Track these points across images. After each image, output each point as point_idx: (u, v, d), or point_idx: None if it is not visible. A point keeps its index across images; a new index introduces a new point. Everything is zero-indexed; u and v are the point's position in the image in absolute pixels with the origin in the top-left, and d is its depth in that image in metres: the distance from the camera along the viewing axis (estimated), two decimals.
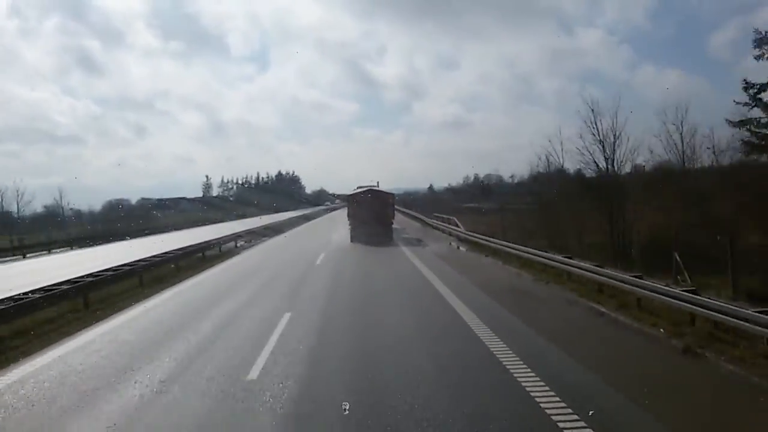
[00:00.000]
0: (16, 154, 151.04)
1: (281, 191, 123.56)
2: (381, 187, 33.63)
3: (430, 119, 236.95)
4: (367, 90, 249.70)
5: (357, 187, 33.05)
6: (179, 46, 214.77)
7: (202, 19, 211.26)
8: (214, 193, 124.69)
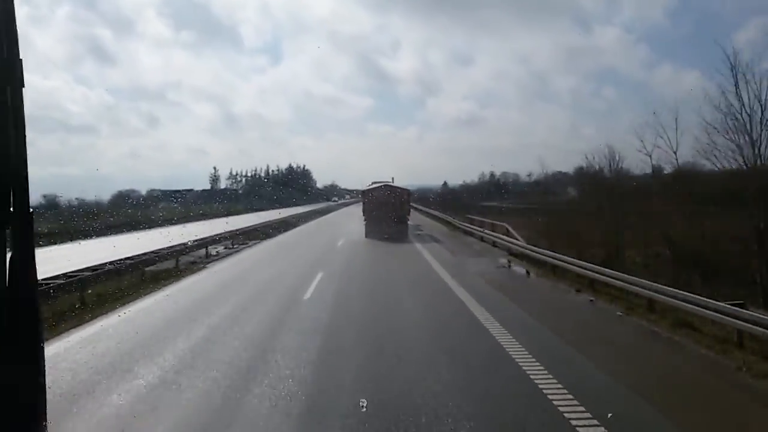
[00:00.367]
0: (30, 143, 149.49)
1: (292, 185, 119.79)
2: (395, 183, 32.62)
3: (444, 115, 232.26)
4: (381, 85, 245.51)
5: (372, 183, 32.39)
6: (191, 36, 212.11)
7: (214, 9, 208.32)
8: (222, 185, 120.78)
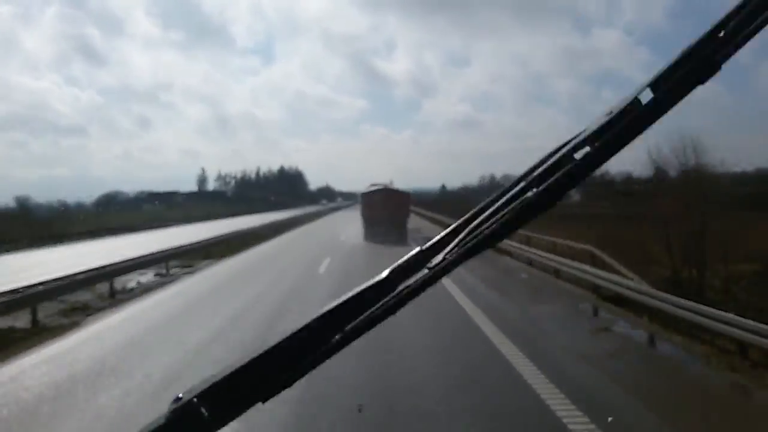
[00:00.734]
0: (21, 145, 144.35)
1: (283, 187, 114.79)
2: (394, 185, 31.73)
3: (441, 118, 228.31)
4: (376, 86, 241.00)
5: (370, 185, 31.45)
6: (181, 35, 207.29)
7: (204, 8, 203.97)
8: (211, 187, 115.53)
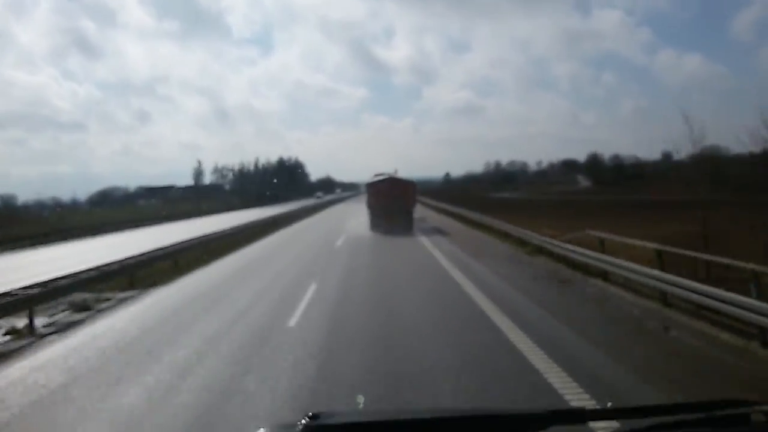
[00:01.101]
0: (21, 142, 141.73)
1: (282, 179, 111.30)
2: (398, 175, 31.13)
3: (441, 105, 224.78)
4: (375, 74, 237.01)
5: (375, 175, 31.13)
6: (176, 26, 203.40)
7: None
8: (207, 180, 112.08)
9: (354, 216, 33.72)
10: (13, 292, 10.56)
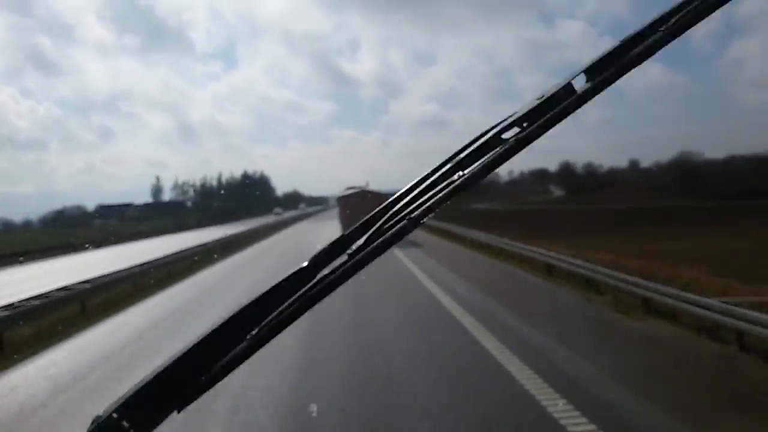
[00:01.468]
0: None
1: (247, 194, 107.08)
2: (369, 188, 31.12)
3: (409, 118, 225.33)
4: (342, 88, 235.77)
5: (346, 188, 31.72)
6: (136, 41, 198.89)
7: (159, 12, 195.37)
8: (167, 197, 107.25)
9: (319, 233, 30.20)
10: None
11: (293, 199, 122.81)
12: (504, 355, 7.38)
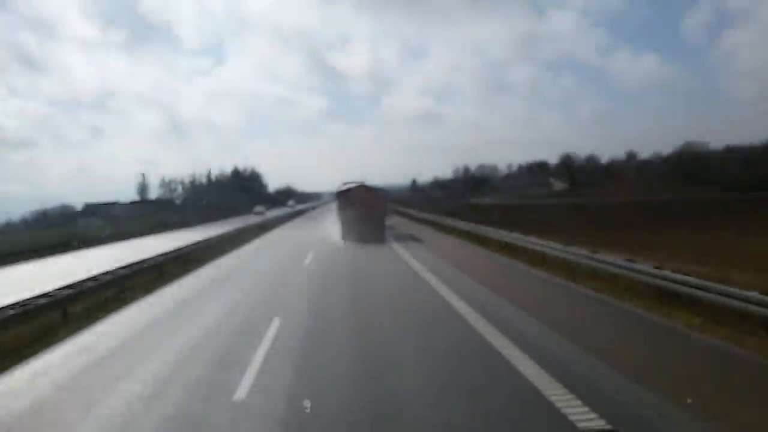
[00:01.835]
0: None
1: (240, 190, 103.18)
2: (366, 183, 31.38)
3: (402, 112, 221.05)
4: (334, 83, 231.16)
5: (344, 184, 31.73)
6: (123, 37, 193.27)
7: (144, 7, 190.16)
8: (153, 194, 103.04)
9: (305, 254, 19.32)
10: None
11: (287, 195, 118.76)
12: None
